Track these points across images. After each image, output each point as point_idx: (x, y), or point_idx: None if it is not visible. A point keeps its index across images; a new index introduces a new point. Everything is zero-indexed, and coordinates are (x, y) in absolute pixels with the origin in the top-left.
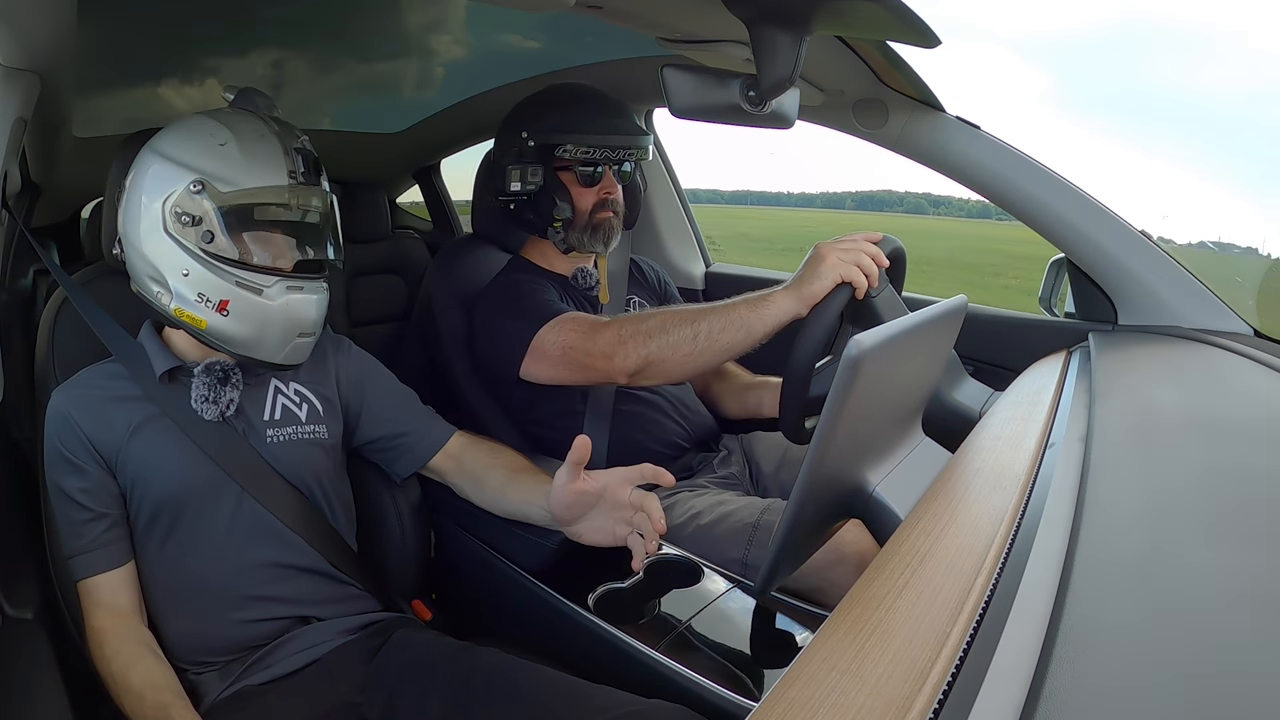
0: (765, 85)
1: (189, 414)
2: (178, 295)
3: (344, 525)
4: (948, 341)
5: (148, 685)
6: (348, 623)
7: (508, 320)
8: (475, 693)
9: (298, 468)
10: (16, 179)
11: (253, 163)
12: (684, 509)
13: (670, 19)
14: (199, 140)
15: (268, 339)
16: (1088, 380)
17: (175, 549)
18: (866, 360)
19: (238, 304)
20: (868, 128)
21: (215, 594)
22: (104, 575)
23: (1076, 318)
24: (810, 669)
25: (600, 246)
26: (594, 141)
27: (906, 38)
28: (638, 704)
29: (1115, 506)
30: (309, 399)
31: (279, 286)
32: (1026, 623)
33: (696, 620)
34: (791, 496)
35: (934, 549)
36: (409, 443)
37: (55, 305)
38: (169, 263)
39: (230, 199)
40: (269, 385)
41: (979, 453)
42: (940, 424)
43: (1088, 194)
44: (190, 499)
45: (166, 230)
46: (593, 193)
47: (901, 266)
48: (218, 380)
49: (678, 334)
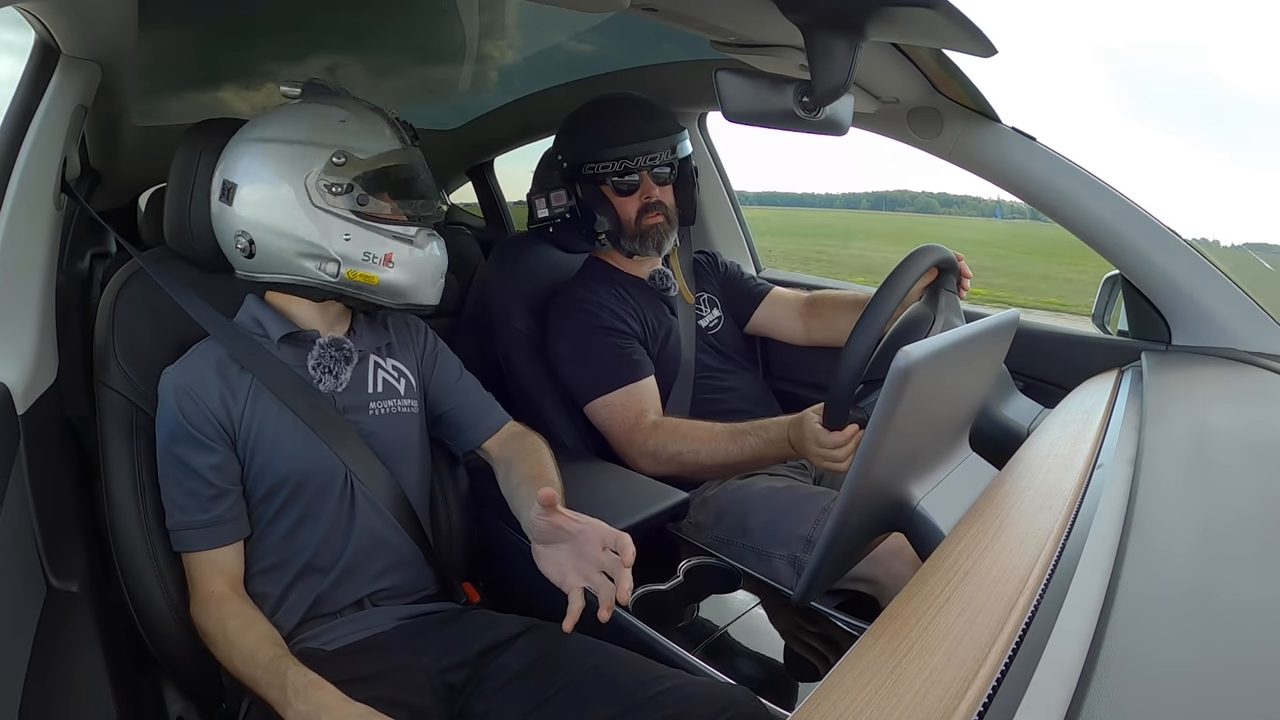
0: (819, 91)
1: (296, 388)
2: (345, 259)
3: (420, 504)
4: (998, 356)
5: (262, 641)
6: (410, 602)
7: (576, 365)
8: (550, 664)
9: (397, 441)
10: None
11: (373, 132)
12: (762, 487)
13: (725, 22)
14: (319, 121)
15: (423, 284)
16: (1139, 401)
17: (285, 524)
18: (915, 372)
19: (400, 255)
20: (923, 137)
21: (311, 566)
22: (228, 548)
23: (1130, 336)
24: (846, 682)
25: (653, 250)
26: (620, 153)
27: (963, 46)
28: (701, 681)
29: (1164, 533)
30: (405, 374)
31: (422, 235)
32: (1066, 648)
33: (734, 627)
34: (835, 507)
35: (976, 567)
36: (472, 419)
37: (117, 285)
38: (327, 233)
39: (372, 164)
40: (369, 360)
41: (1026, 471)
42: (988, 439)
43: (1144, 210)
44: (306, 481)
45: (315, 205)
46: (633, 200)
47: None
48: (343, 358)
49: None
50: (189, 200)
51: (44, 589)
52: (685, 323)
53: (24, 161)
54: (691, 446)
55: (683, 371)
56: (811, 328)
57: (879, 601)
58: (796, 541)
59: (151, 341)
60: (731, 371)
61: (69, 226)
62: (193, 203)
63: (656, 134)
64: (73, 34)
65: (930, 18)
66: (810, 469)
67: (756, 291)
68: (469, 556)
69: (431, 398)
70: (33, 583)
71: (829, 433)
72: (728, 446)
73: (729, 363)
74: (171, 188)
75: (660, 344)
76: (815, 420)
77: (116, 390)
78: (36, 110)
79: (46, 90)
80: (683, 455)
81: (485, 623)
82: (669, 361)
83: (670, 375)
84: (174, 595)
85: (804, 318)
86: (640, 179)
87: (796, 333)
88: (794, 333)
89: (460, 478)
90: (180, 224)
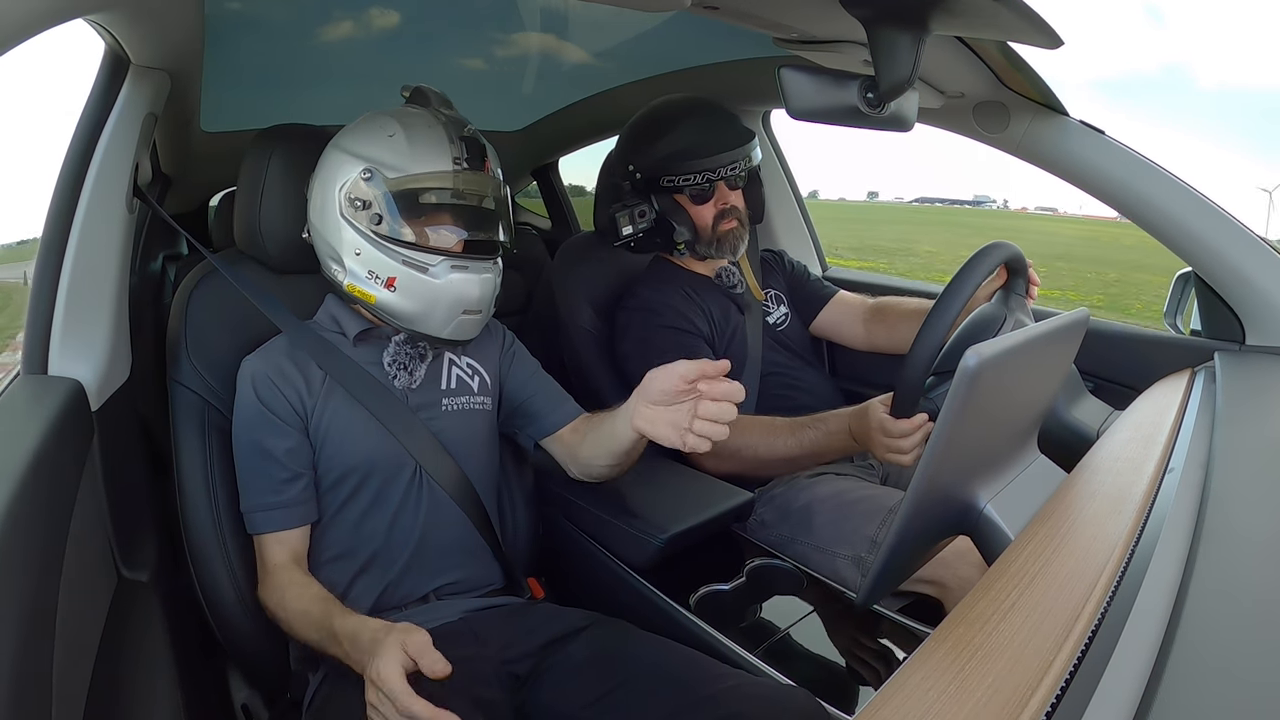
0: (884, 87)
1: (367, 384)
2: (350, 273)
3: (488, 499)
4: (1068, 356)
5: (314, 602)
6: (476, 596)
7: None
8: (613, 657)
9: (467, 436)
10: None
11: (418, 150)
12: (830, 487)
13: (787, 19)
14: (370, 133)
15: (434, 315)
16: (1212, 402)
17: (354, 512)
18: (984, 372)
19: (405, 281)
20: (989, 131)
21: (378, 556)
22: (296, 530)
23: (1202, 335)
24: (909, 687)
25: (729, 254)
26: (698, 166)
27: (1028, 38)
28: (762, 681)
29: (1235, 540)
30: (480, 372)
31: (444, 265)
32: (1134, 655)
33: (795, 629)
34: (900, 510)
35: (1043, 572)
36: (544, 410)
37: (189, 286)
38: (344, 243)
39: (397, 184)
40: (444, 356)
41: (1095, 474)
42: (1057, 442)
43: (1217, 205)
44: (375, 470)
45: (341, 214)
46: (709, 207)
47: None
48: (418, 355)
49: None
50: (258, 203)
51: (115, 578)
52: (754, 320)
53: (97, 168)
54: (750, 441)
55: (750, 368)
56: (874, 333)
57: (944, 605)
58: (861, 541)
59: (223, 340)
60: (799, 368)
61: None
62: (262, 206)
63: (734, 144)
64: (142, 44)
65: (994, 9)
66: (877, 469)
67: (823, 293)
68: (534, 552)
69: (508, 392)
70: (104, 572)
71: (896, 421)
72: (787, 440)
73: (796, 359)
74: (241, 190)
75: (727, 341)
76: (881, 409)
77: (189, 387)
78: (108, 119)
79: (117, 99)
80: (742, 451)
81: (550, 615)
82: (736, 358)
83: (738, 371)
84: (243, 586)
85: (866, 323)
86: (716, 186)
87: (858, 337)
88: (855, 337)
89: (526, 475)
90: (250, 226)
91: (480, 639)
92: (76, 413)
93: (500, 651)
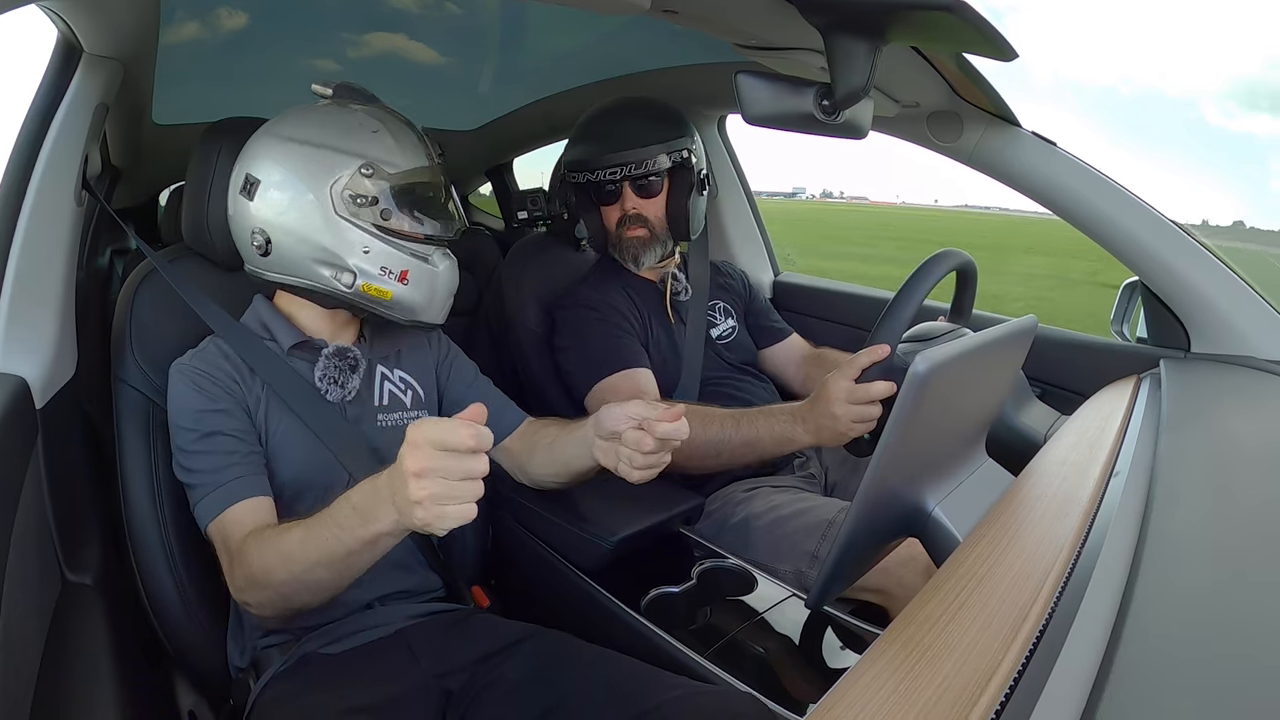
0: (839, 94)
1: (303, 394)
2: (362, 272)
3: None
4: (1015, 362)
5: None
6: (418, 603)
7: (575, 355)
8: (552, 673)
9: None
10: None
11: (404, 146)
12: (765, 501)
13: (746, 25)
14: (352, 128)
15: (435, 302)
16: (1157, 408)
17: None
18: (932, 378)
19: (415, 273)
20: (942, 141)
21: None
22: (256, 502)
23: (1148, 343)
24: (858, 687)
25: (630, 263)
26: (593, 165)
27: (983, 50)
28: (708, 689)
29: (1180, 542)
30: (413, 385)
31: (438, 254)
32: (1081, 653)
33: (746, 630)
34: (850, 512)
35: (991, 573)
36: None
37: (134, 282)
38: (346, 243)
39: (399, 179)
40: (376, 370)
41: (1042, 478)
42: (1004, 446)
43: (1163, 215)
44: (309, 483)
45: (337, 213)
46: (614, 209)
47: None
48: (349, 367)
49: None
50: (207, 198)
51: (59, 582)
52: (694, 329)
53: (45, 159)
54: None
55: (687, 375)
56: (811, 378)
57: (889, 612)
58: (801, 556)
59: (169, 338)
60: (739, 379)
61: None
62: (210, 201)
63: (633, 144)
64: (95, 32)
65: (950, 21)
66: (818, 478)
67: (776, 330)
68: (481, 558)
69: (448, 401)
70: (49, 576)
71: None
72: (720, 428)
73: (739, 373)
74: (189, 185)
75: (660, 348)
76: (842, 379)
77: (133, 386)
78: (58, 108)
79: (68, 88)
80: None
81: (486, 628)
82: (670, 365)
83: (672, 380)
84: (188, 589)
85: (807, 366)
86: (621, 189)
87: (796, 380)
88: (794, 379)
89: None
90: (198, 221)
91: (414, 653)
92: (20, 411)
93: (434, 665)
